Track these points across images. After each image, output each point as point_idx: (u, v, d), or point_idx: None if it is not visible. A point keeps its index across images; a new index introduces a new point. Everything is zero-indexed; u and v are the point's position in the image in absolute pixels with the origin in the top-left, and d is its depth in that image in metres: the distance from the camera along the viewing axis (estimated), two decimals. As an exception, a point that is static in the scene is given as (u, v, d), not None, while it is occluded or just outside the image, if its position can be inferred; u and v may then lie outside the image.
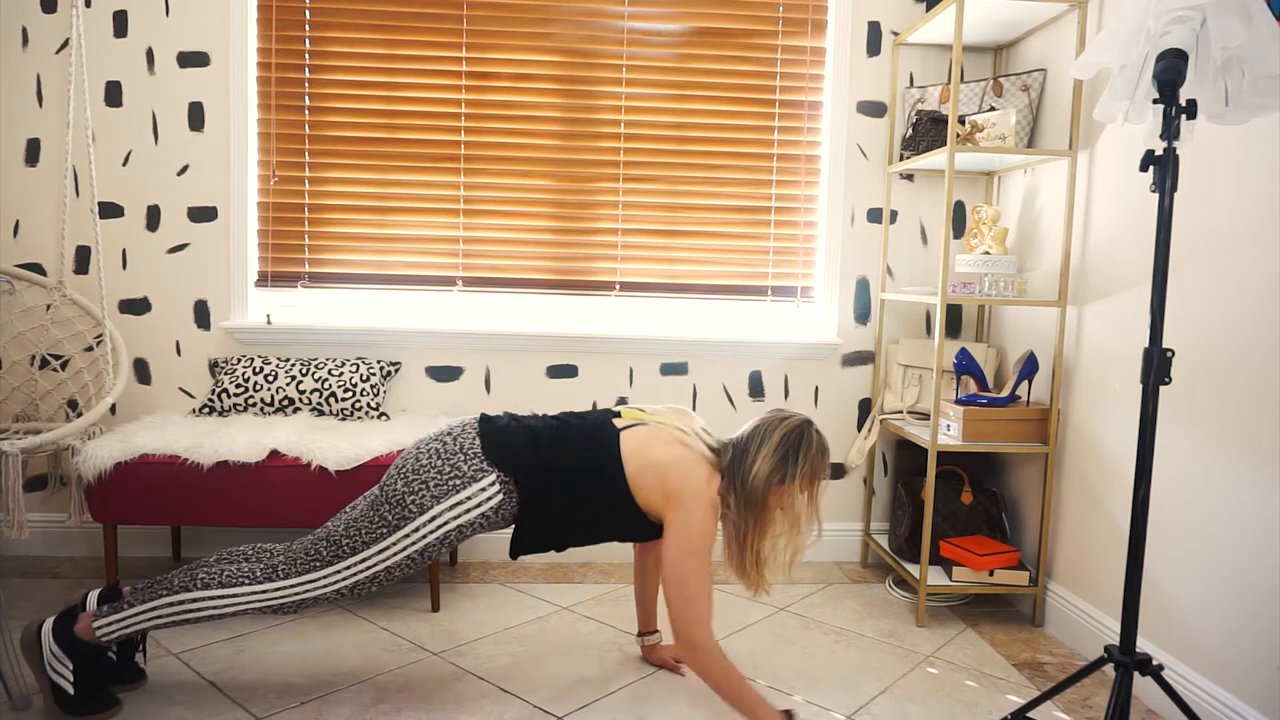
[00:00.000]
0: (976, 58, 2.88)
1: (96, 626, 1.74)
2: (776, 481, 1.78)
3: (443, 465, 1.76)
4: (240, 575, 1.76)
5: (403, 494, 1.74)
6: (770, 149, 2.90)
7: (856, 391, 2.97)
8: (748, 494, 1.78)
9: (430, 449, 1.79)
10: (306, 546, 1.78)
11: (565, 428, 1.85)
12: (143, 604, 1.75)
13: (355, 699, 1.93)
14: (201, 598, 1.74)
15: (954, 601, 2.63)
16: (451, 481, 1.75)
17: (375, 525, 1.75)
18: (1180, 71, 1.45)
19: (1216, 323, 1.86)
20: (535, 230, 2.88)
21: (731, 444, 1.85)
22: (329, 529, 1.80)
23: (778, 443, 1.79)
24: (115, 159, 2.77)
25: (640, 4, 2.83)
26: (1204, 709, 1.84)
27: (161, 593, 1.75)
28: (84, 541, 2.82)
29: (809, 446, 1.81)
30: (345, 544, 1.76)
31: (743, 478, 1.79)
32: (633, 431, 1.84)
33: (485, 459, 1.76)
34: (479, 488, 1.75)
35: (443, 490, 1.74)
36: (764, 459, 1.78)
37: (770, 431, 1.81)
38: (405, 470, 1.77)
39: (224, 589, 1.75)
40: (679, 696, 2.00)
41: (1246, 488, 1.77)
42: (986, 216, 2.54)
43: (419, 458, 1.78)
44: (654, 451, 1.80)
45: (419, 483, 1.75)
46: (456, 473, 1.75)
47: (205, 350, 2.83)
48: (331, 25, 2.78)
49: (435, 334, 2.83)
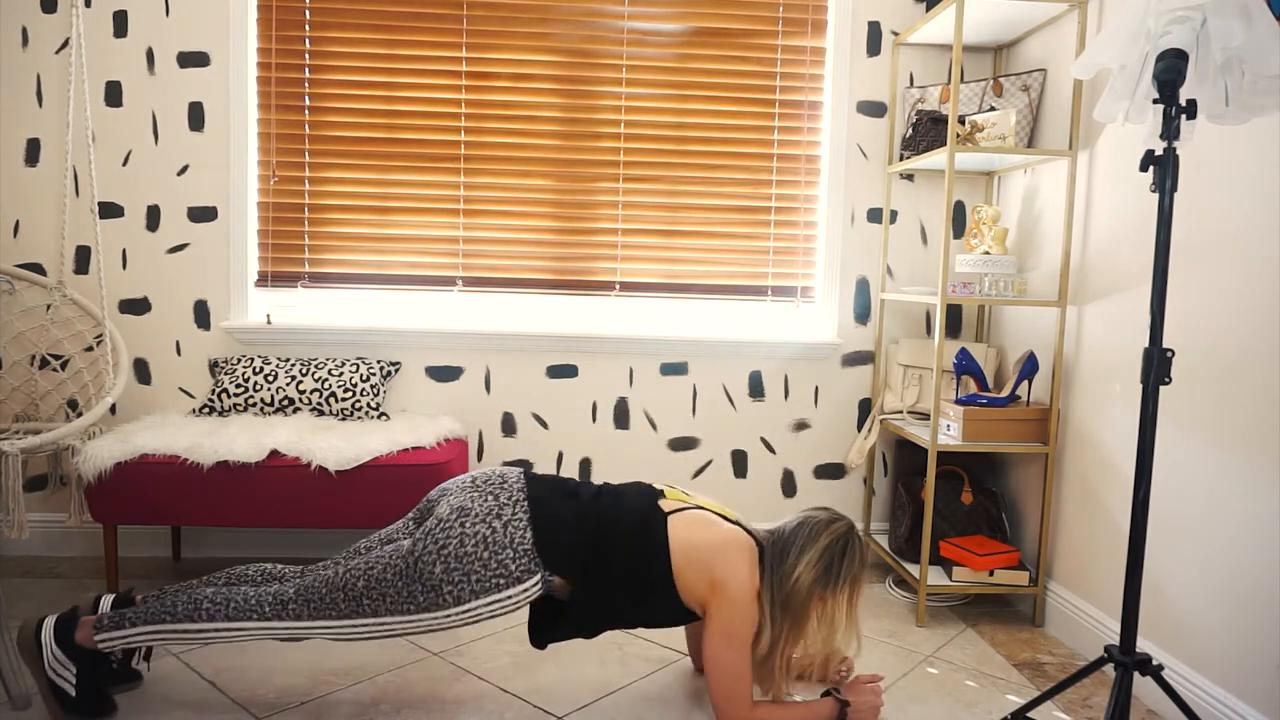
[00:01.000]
0: (976, 58, 2.88)
1: (98, 639, 1.73)
2: (819, 590, 1.76)
3: (489, 559, 1.66)
4: (248, 608, 1.71)
5: (440, 580, 1.65)
6: (770, 149, 2.90)
7: (856, 391, 2.97)
8: (786, 597, 1.75)
9: (477, 534, 1.67)
10: (320, 590, 1.70)
11: (614, 508, 1.79)
12: (146, 625, 1.72)
13: (355, 699, 1.93)
14: (206, 628, 1.71)
15: (954, 601, 2.63)
16: (496, 580, 1.66)
17: (402, 599, 1.67)
18: (1180, 71, 1.45)
19: (1216, 323, 1.86)
20: (535, 230, 2.88)
21: (772, 538, 1.82)
22: (347, 578, 1.70)
23: (823, 549, 1.77)
24: (115, 159, 2.77)
25: (640, 4, 2.83)
26: (1204, 709, 1.84)
27: (165, 617, 1.72)
28: (84, 541, 2.82)
29: (853, 556, 1.78)
30: (366, 604, 1.68)
31: (781, 578, 1.76)
32: (679, 516, 1.79)
33: (536, 558, 1.69)
34: (523, 588, 1.68)
35: (484, 587, 1.66)
36: (807, 565, 1.75)
37: (815, 535, 1.78)
38: (447, 554, 1.66)
39: (230, 621, 1.70)
40: (679, 696, 2.00)
41: (1247, 487, 1.77)
42: (986, 216, 2.54)
43: (463, 541, 1.67)
44: (700, 537, 1.76)
45: (460, 574, 1.65)
46: (503, 570, 1.67)
47: (205, 350, 2.83)
48: (331, 25, 2.78)
49: (435, 334, 2.83)
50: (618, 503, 1.82)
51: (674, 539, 1.76)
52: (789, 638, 1.78)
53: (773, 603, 1.76)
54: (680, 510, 1.82)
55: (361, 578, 1.70)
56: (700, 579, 1.75)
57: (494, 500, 1.73)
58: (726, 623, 1.73)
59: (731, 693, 1.72)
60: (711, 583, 1.74)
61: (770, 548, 1.81)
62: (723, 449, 2.95)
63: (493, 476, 1.80)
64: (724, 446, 2.95)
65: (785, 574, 1.76)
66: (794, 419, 2.96)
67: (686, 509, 1.82)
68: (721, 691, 1.73)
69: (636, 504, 1.82)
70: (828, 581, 1.76)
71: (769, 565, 1.79)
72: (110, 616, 1.74)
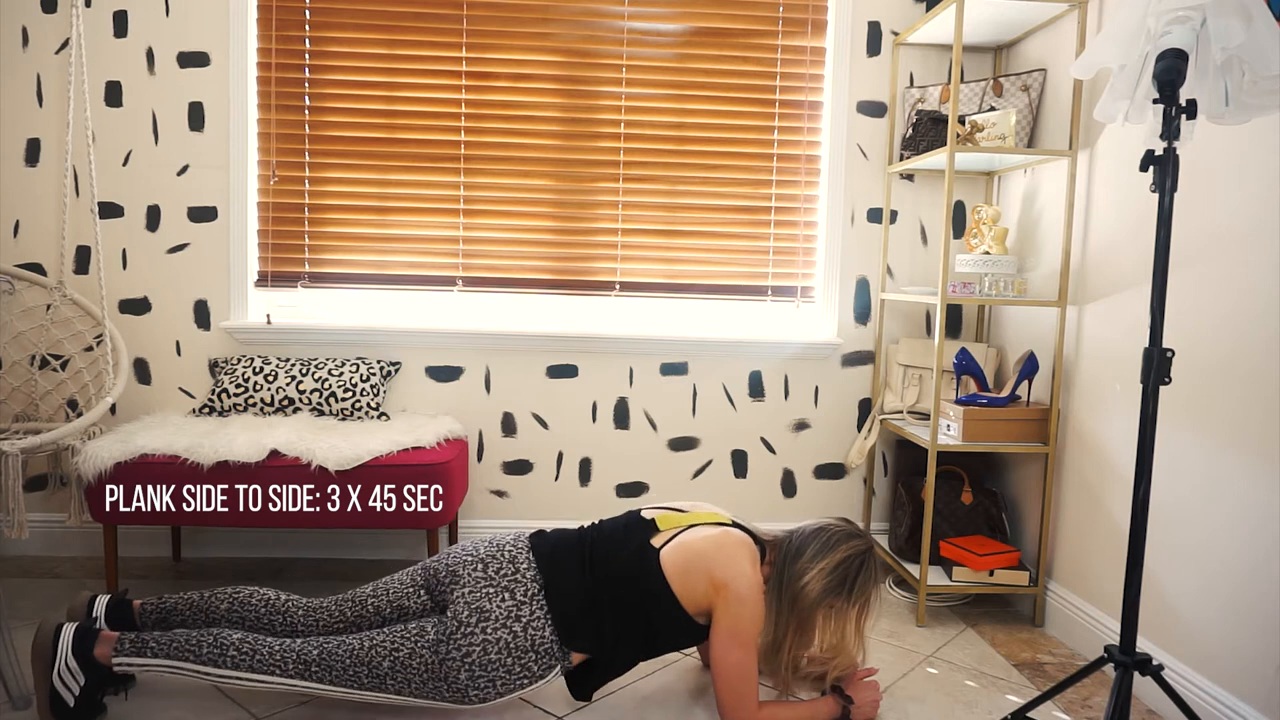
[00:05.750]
0: (976, 58, 2.88)
1: (116, 661, 1.73)
2: (830, 600, 1.79)
3: (513, 665, 1.70)
4: (272, 664, 1.72)
5: (465, 685, 1.69)
6: (770, 149, 2.90)
7: (856, 391, 2.97)
8: (794, 597, 1.78)
9: (499, 641, 1.69)
10: (345, 660, 1.72)
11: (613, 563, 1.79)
12: (167, 658, 1.73)
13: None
14: (229, 675, 1.72)
15: (954, 601, 2.63)
16: (520, 680, 1.72)
17: (427, 690, 1.71)
18: (1180, 71, 1.45)
19: (1216, 323, 1.86)
20: (535, 230, 2.88)
21: (788, 538, 1.85)
22: (372, 654, 1.71)
23: (839, 562, 1.79)
24: (115, 159, 2.77)
25: (640, 4, 2.83)
26: (1204, 709, 1.84)
27: (189, 656, 1.72)
28: (84, 541, 2.82)
29: (869, 576, 1.81)
30: (390, 684, 1.71)
31: (792, 577, 1.79)
32: (669, 548, 1.80)
33: (556, 651, 1.73)
34: (546, 681, 1.75)
35: (509, 688, 1.72)
36: (821, 572, 1.78)
37: (833, 545, 1.80)
38: (471, 662, 1.68)
39: (253, 673, 1.72)
40: (679, 696, 2.00)
41: (1247, 487, 1.77)
42: (986, 216, 2.54)
43: (485, 649, 1.69)
44: (693, 548, 1.78)
45: (485, 680, 1.70)
46: (527, 673, 1.72)
47: (205, 350, 2.83)
48: (331, 25, 2.78)
49: (435, 334, 2.83)
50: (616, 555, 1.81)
51: (669, 570, 1.77)
52: (795, 640, 1.80)
53: (780, 600, 1.79)
54: (670, 540, 1.82)
55: (386, 658, 1.71)
56: (701, 584, 1.76)
57: (510, 599, 1.74)
58: (732, 621, 1.73)
59: (738, 693, 1.73)
60: (713, 583, 1.75)
61: (783, 545, 1.84)
62: (723, 449, 2.95)
63: (503, 561, 1.79)
64: (724, 446, 2.95)
65: (796, 573, 1.79)
66: (794, 419, 2.96)
67: (676, 535, 1.83)
68: (728, 691, 1.73)
69: (631, 550, 1.82)
70: (839, 594, 1.79)
71: (780, 561, 1.82)
72: (132, 640, 1.74)
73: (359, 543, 2.90)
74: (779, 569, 1.81)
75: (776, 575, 1.81)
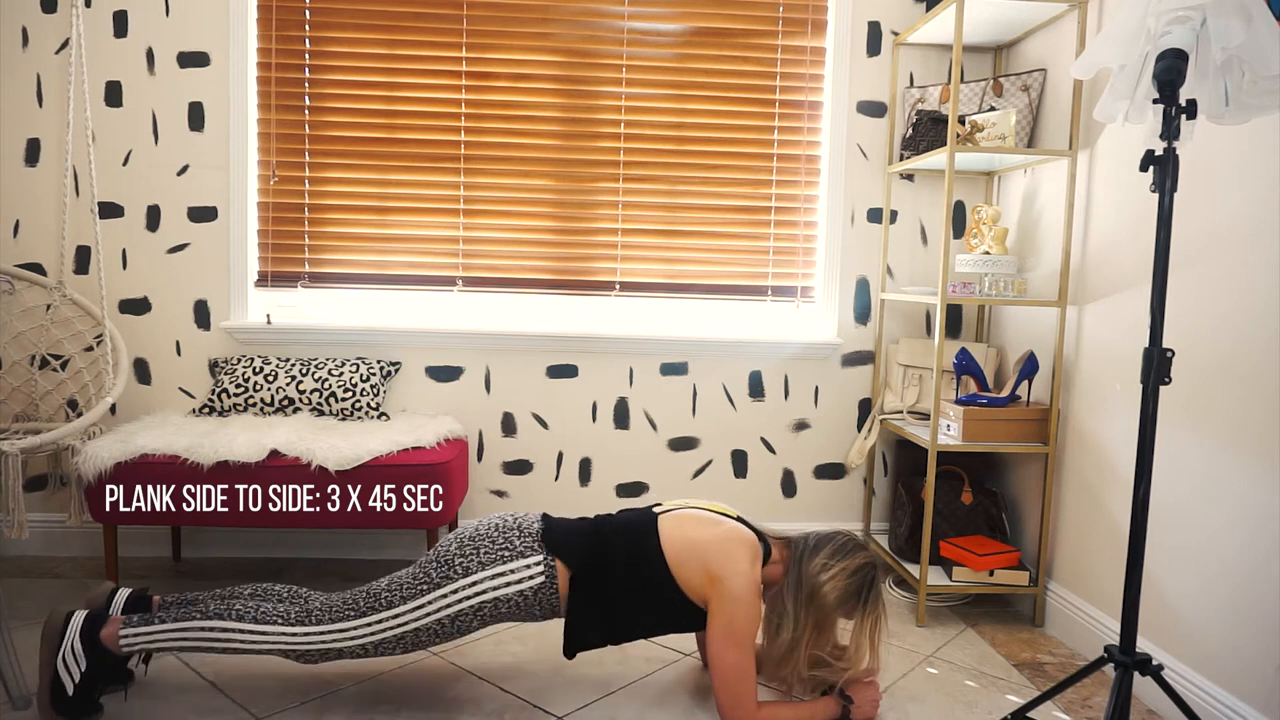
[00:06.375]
0: (976, 58, 2.88)
1: (123, 636, 1.75)
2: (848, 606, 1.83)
3: (497, 536, 1.83)
4: (275, 614, 1.79)
5: (453, 555, 1.81)
6: (770, 149, 2.90)
7: (856, 391, 2.97)
8: (812, 593, 1.82)
9: (491, 522, 1.88)
10: (346, 597, 1.82)
11: (612, 518, 1.93)
12: (175, 622, 1.76)
13: (355, 699, 1.93)
14: (232, 628, 1.76)
15: (954, 601, 2.63)
16: (501, 553, 1.81)
17: (418, 581, 1.79)
18: (1180, 71, 1.45)
19: (1216, 323, 1.86)
20: (535, 230, 2.88)
21: (802, 538, 1.90)
22: (372, 583, 1.85)
23: (856, 569, 1.84)
24: (115, 159, 2.77)
25: (640, 4, 2.83)
26: (1204, 709, 1.84)
27: (195, 615, 1.77)
28: (84, 541, 2.82)
29: (878, 593, 1.86)
30: (384, 597, 1.79)
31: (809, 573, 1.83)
32: (670, 514, 1.89)
33: (539, 539, 1.83)
34: (524, 563, 1.80)
35: (490, 559, 1.80)
36: (841, 572, 1.82)
37: (849, 550, 1.86)
38: (462, 537, 1.84)
39: (256, 624, 1.77)
40: (679, 696, 2.00)
41: (1246, 487, 1.77)
42: (986, 216, 2.54)
43: (478, 527, 1.87)
44: (691, 531, 1.83)
45: (471, 548, 1.81)
46: (508, 545, 1.82)
47: (205, 350, 2.83)
48: (331, 25, 2.78)
49: (435, 334, 2.83)
50: (618, 518, 1.93)
51: (665, 535, 1.83)
52: (812, 638, 1.83)
53: (796, 596, 1.82)
54: (671, 510, 1.91)
55: (385, 580, 1.84)
56: (697, 571, 1.78)
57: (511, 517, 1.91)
58: (727, 620, 1.74)
59: (736, 693, 1.73)
60: (708, 575, 1.77)
61: (797, 544, 1.88)
62: (723, 449, 2.95)
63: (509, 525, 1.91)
64: (724, 446, 2.95)
65: (814, 570, 1.82)
66: (794, 419, 2.96)
67: (678, 509, 1.91)
68: (726, 692, 1.74)
69: (633, 516, 1.92)
70: (856, 603, 1.83)
71: (795, 558, 1.85)
72: (142, 616, 1.79)
73: (359, 543, 2.90)
74: (795, 565, 1.84)
75: (795, 571, 1.84)
